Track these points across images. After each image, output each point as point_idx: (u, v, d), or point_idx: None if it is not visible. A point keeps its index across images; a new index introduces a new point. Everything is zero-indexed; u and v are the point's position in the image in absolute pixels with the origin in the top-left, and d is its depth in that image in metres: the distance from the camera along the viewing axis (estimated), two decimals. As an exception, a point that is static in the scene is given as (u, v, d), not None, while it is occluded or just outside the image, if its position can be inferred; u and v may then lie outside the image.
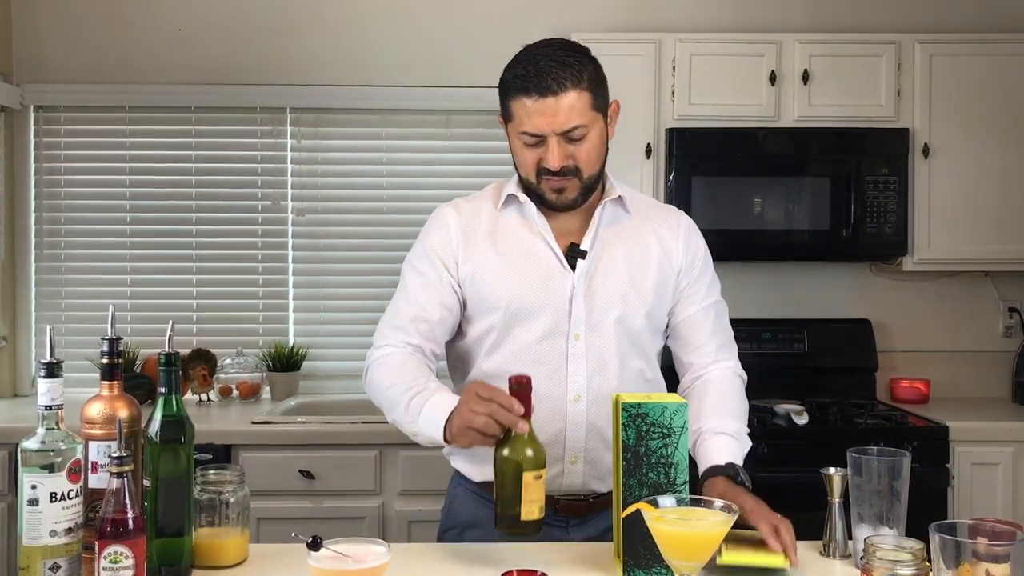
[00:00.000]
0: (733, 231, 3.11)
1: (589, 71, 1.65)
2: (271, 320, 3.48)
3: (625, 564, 1.45)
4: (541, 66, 1.62)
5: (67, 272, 3.45)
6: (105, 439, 1.41)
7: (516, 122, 1.66)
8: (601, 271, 1.73)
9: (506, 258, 1.72)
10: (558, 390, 1.70)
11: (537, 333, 1.70)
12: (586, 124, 1.64)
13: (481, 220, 1.76)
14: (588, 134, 1.65)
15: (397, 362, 1.68)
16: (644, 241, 1.78)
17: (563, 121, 1.62)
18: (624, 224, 1.77)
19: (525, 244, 1.74)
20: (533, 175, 1.69)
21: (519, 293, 1.70)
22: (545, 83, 1.60)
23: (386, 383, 1.66)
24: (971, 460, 2.87)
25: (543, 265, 1.72)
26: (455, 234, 1.75)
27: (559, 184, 1.68)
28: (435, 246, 1.76)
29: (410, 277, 1.77)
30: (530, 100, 1.62)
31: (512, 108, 1.66)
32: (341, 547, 1.18)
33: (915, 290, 3.49)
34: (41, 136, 3.44)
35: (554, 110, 1.61)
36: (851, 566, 1.51)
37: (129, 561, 1.29)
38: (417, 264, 1.77)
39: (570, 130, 1.63)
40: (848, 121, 3.14)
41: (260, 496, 2.55)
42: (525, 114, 1.63)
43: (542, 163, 1.66)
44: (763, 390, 3.25)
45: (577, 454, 1.72)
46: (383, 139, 3.48)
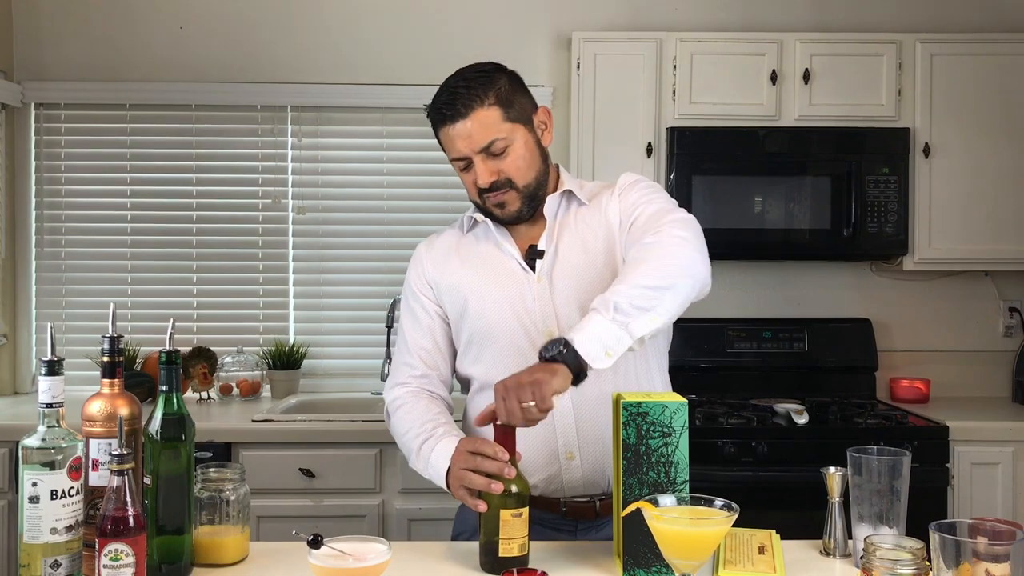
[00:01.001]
0: (734, 230, 3.12)
1: (496, 87, 1.70)
2: (271, 318, 3.48)
3: (625, 563, 1.45)
4: (450, 93, 1.70)
5: (68, 270, 3.45)
6: (106, 437, 1.41)
7: (447, 150, 1.75)
8: (559, 264, 1.75)
9: (474, 272, 1.80)
10: None
11: (512, 337, 1.74)
12: (503, 136, 1.70)
13: (450, 244, 1.87)
14: (510, 146, 1.71)
15: (408, 407, 1.78)
16: (594, 221, 1.77)
17: (479, 140, 1.69)
18: (578, 213, 1.80)
19: (489, 256, 1.81)
20: (476, 196, 1.77)
21: (487, 301, 1.76)
22: (454, 108, 1.69)
23: (402, 430, 1.76)
24: (971, 460, 2.87)
25: (506, 271, 1.78)
26: (428, 265, 1.86)
27: (497, 199, 1.74)
28: (413, 282, 1.88)
29: (403, 318, 1.90)
30: (448, 127, 1.71)
31: (440, 139, 1.75)
32: (342, 545, 1.18)
33: (915, 290, 3.49)
34: (42, 134, 3.44)
35: (467, 131, 1.69)
36: (851, 565, 1.51)
37: (130, 559, 1.30)
38: (405, 304, 1.90)
39: (487, 146, 1.70)
40: (849, 120, 3.14)
41: (260, 494, 2.55)
42: (448, 141, 1.72)
43: (477, 183, 1.73)
44: (763, 389, 3.27)
45: (572, 450, 1.72)
46: (384, 137, 3.48)
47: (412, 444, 1.71)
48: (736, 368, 3.34)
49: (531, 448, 1.72)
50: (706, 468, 2.71)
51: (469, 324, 1.78)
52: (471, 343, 1.79)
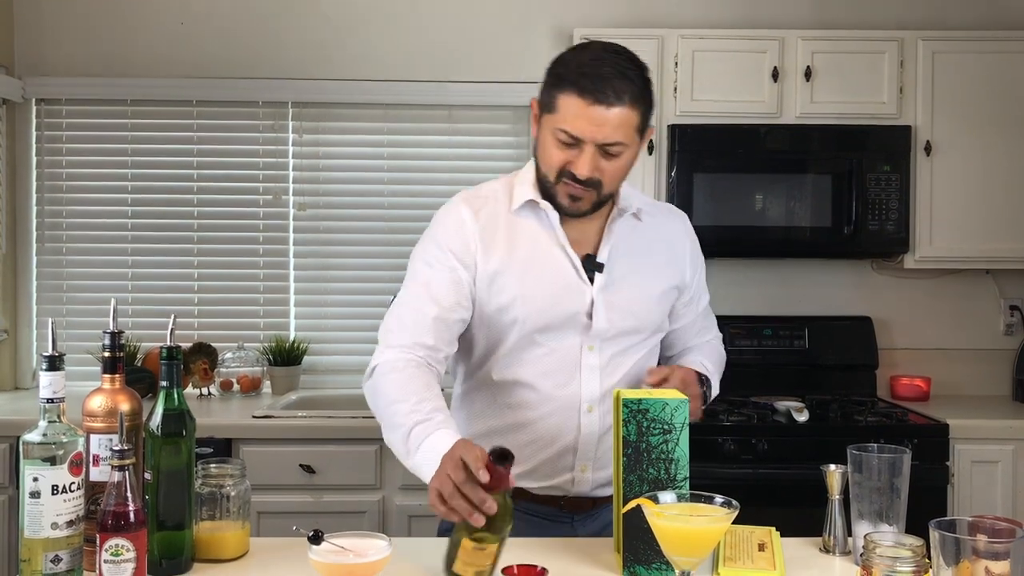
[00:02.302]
0: (734, 228, 3.11)
1: (646, 92, 1.60)
2: (272, 314, 3.48)
3: (625, 559, 1.45)
4: (603, 72, 1.55)
5: (68, 265, 3.45)
6: (106, 432, 1.41)
7: (557, 117, 1.59)
8: (616, 283, 1.71)
9: (526, 267, 1.68)
10: (572, 400, 1.70)
11: (552, 344, 1.69)
12: (626, 143, 1.60)
13: (499, 223, 1.70)
14: (624, 152, 1.61)
15: (406, 376, 1.59)
16: (654, 250, 1.78)
17: (608, 134, 1.57)
18: (636, 233, 1.76)
19: (544, 253, 1.69)
20: (554, 174, 1.64)
21: (537, 304, 1.67)
22: (603, 91, 1.54)
23: (391, 397, 1.57)
24: (971, 458, 2.87)
25: (562, 277, 1.69)
26: (473, 236, 1.69)
27: (577, 192, 1.63)
28: (452, 245, 1.69)
29: (427, 274, 1.68)
30: (582, 102, 1.55)
31: (558, 102, 1.58)
32: (342, 541, 1.18)
33: (916, 288, 3.49)
34: (43, 129, 3.44)
35: (602, 120, 1.56)
36: (851, 563, 1.52)
37: (130, 554, 1.30)
38: (434, 261, 1.69)
39: (610, 144, 1.58)
40: (850, 118, 3.14)
41: (261, 490, 2.55)
42: (571, 113, 1.57)
43: (569, 166, 1.61)
44: (764, 387, 3.27)
45: (587, 462, 1.72)
46: (385, 134, 3.48)
47: (401, 419, 1.52)
48: (737, 365, 3.29)
49: (547, 463, 1.72)
50: (706, 465, 2.71)
51: (508, 323, 1.67)
52: (502, 341, 1.69)
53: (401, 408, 1.53)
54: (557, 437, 1.70)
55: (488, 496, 1.28)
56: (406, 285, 1.71)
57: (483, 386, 1.75)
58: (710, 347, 1.93)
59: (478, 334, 1.72)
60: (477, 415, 1.76)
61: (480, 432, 1.74)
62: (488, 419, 1.74)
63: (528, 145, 3.46)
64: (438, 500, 1.31)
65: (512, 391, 1.71)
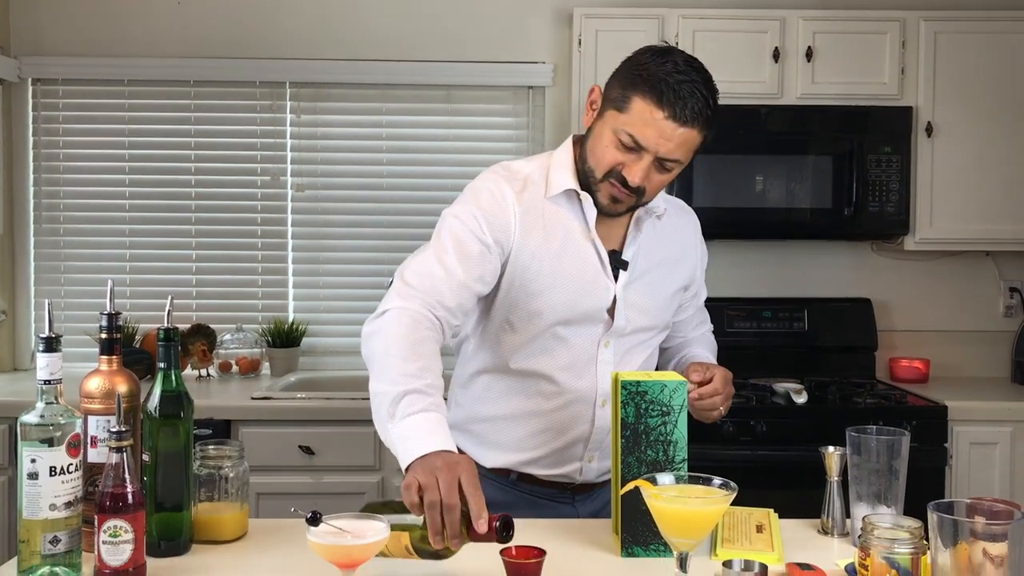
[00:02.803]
0: (734, 209, 3.10)
1: (714, 119, 1.58)
2: (270, 296, 3.47)
3: (623, 541, 1.45)
4: (685, 88, 1.53)
5: (66, 246, 3.44)
6: (104, 414, 1.41)
7: (627, 118, 1.55)
8: (636, 282, 1.72)
9: (558, 257, 1.65)
10: (588, 394, 1.70)
11: (572, 339, 1.68)
12: (683, 163, 1.60)
13: (538, 209, 1.66)
14: (675, 169, 1.61)
15: (420, 336, 1.49)
16: (670, 250, 1.78)
17: (671, 149, 1.56)
18: (656, 232, 1.76)
19: (576, 247, 1.67)
20: (602, 172, 1.61)
21: (564, 297, 1.65)
22: (683, 108, 1.52)
23: (395, 348, 1.46)
24: (969, 440, 2.88)
25: (590, 272, 1.67)
26: (515, 217, 1.64)
27: (621, 196, 1.61)
28: (492, 221, 1.62)
29: (460, 237, 1.61)
30: (658, 111, 1.53)
31: (632, 103, 1.55)
32: (340, 522, 1.18)
33: (916, 269, 3.48)
34: (39, 109, 3.42)
35: (671, 135, 1.54)
36: (849, 544, 1.52)
37: (129, 535, 1.30)
38: (469, 228, 1.62)
39: (669, 160, 1.57)
40: (851, 99, 3.13)
41: (260, 471, 2.55)
42: (643, 121, 1.54)
43: (621, 168, 1.58)
44: (762, 368, 3.27)
45: (595, 452, 1.73)
46: (383, 114, 3.46)
47: (398, 377, 1.42)
48: (735, 347, 3.32)
49: (557, 452, 1.73)
50: (705, 447, 2.70)
51: (531, 313, 1.65)
52: (522, 330, 1.67)
53: (403, 367, 1.43)
54: (570, 428, 1.71)
55: (462, 539, 1.23)
56: (437, 241, 1.63)
57: (499, 372, 1.73)
58: (707, 339, 1.97)
59: (499, 318, 1.69)
60: (488, 399, 1.74)
61: (488, 416, 1.74)
62: (499, 405, 1.73)
63: (528, 126, 3.45)
64: (416, 496, 1.24)
65: (529, 381, 1.70)
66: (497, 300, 1.68)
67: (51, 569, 1.32)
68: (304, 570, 1.37)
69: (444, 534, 1.22)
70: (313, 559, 1.21)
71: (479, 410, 1.75)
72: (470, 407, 1.77)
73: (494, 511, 1.23)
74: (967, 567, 1.01)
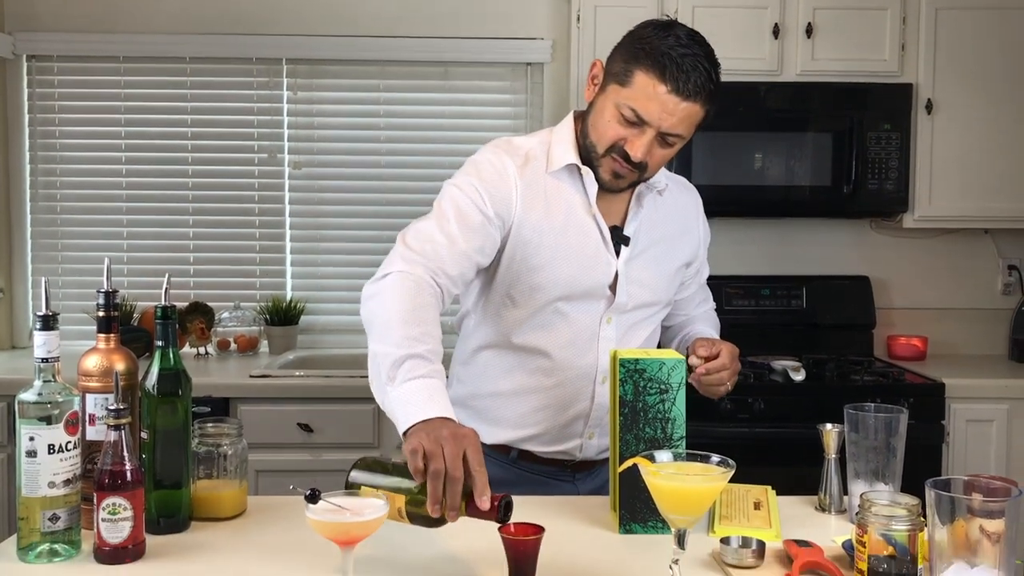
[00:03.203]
0: (733, 187, 3.10)
1: (717, 93, 1.59)
2: (268, 274, 3.47)
3: (621, 518, 1.46)
4: (688, 62, 1.52)
5: (63, 224, 3.43)
6: (102, 392, 1.41)
7: (629, 92, 1.55)
8: (638, 258, 1.72)
9: (560, 235, 1.65)
10: (588, 371, 1.70)
11: (573, 315, 1.68)
12: (685, 137, 1.60)
13: (539, 184, 1.66)
14: (677, 144, 1.61)
15: (423, 301, 1.48)
16: (672, 226, 1.78)
17: (673, 124, 1.55)
18: (658, 209, 1.75)
19: (578, 222, 1.66)
20: (604, 147, 1.60)
21: (565, 272, 1.65)
22: (686, 83, 1.52)
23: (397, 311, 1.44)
24: (966, 417, 2.89)
25: (591, 248, 1.67)
26: (516, 192, 1.63)
27: (623, 171, 1.61)
28: (493, 193, 1.62)
29: (462, 208, 1.60)
30: (661, 85, 1.52)
31: (635, 77, 1.54)
32: (339, 500, 1.18)
33: (915, 247, 3.48)
34: (34, 86, 3.40)
35: (673, 110, 1.54)
36: (846, 521, 1.52)
37: (127, 512, 1.30)
38: (471, 199, 1.61)
39: (671, 134, 1.57)
40: (851, 76, 3.11)
41: (258, 449, 2.56)
42: (645, 94, 1.53)
43: (623, 143, 1.58)
44: (761, 346, 3.27)
45: (596, 429, 1.73)
46: (380, 91, 3.44)
47: (399, 339, 1.40)
48: (734, 325, 3.30)
49: (557, 429, 1.73)
50: (703, 424, 2.71)
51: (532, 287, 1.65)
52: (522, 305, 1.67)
53: (405, 330, 1.41)
54: (570, 405, 1.71)
55: (460, 511, 1.22)
56: (438, 210, 1.62)
57: (500, 347, 1.72)
58: (710, 317, 1.97)
59: (500, 292, 1.69)
60: (489, 376, 1.74)
61: (489, 392, 1.74)
62: (500, 381, 1.73)
63: (527, 103, 3.43)
64: (421, 463, 1.22)
65: (530, 357, 1.70)
66: (498, 274, 1.68)
67: (51, 546, 1.32)
68: (303, 547, 1.37)
69: (443, 504, 1.21)
70: (312, 536, 1.21)
71: (480, 386, 1.75)
72: (471, 383, 1.77)
73: (495, 490, 1.23)
74: (964, 544, 1.01)
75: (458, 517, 1.22)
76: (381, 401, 1.40)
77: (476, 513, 1.22)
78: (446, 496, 1.20)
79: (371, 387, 1.43)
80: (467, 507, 1.22)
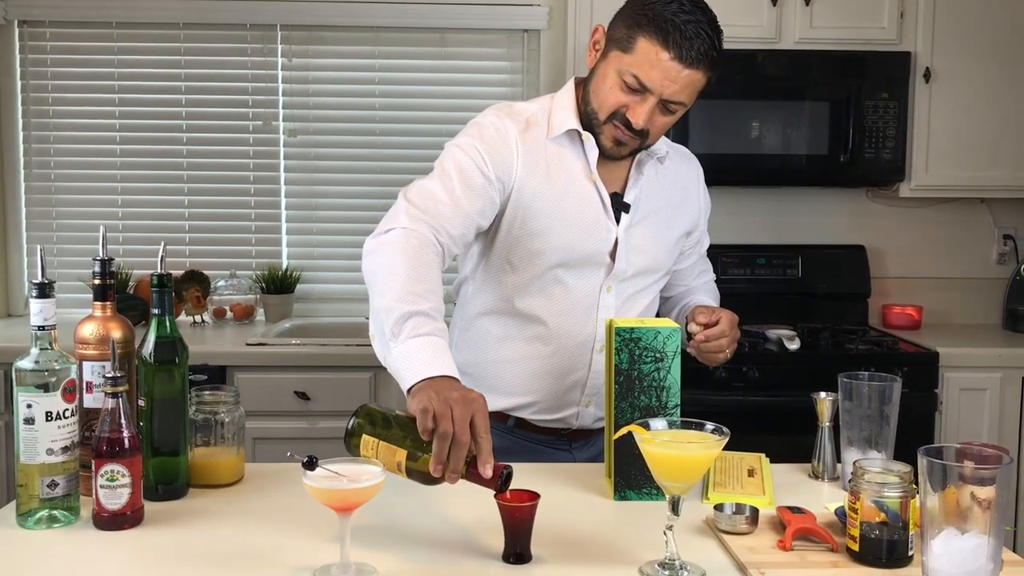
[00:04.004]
0: (730, 155, 3.09)
1: (719, 60, 1.58)
2: (264, 242, 3.46)
3: (616, 484, 1.47)
4: (691, 30, 1.52)
5: (57, 192, 3.41)
6: (99, 359, 1.41)
7: (631, 59, 1.54)
8: (638, 225, 1.72)
9: (560, 200, 1.65)
10: (587, 339, 1.71)
11: (573, 282, 1.69)
12: (687, 104, 1.60)
13: (540, 150, 1.66)
14: (679, 111, 1.61)
15: (426, 259, 1.47)
16: (673, 194, 1.78)
17: (676, 91, 1.55)
18: (658, 177, 1.75)
19: (578, 188, 1.66)
20: (605, 114, 1.60)
21: (564, 238, 1.65)
22: (689, 50, 1.52)
23: (401, 266, 1.43)
24: (960, 385, 2.90)
25: (591, 215, 1.67)
26: (518, 155, 1.64)
27: (625, 138, 1.61)
28: (494, 156, 1.62)
29: (464, 169, 1.60)
30: (664, 52, 1.52)
31: (637, 44, 1.54)
32: (336, 467, 1.19)
33: (911, 216, 3.48)
34: (26, 52, 3.36)
35: (676, 77, 1.54)
36: (839, 488, 1.54)
37: (126, 479, 1.31)
38: (473, 161, 1.61)
39: (673, 102, 1.57)
40: (849, 44, 3.09)
41: (255, 416, 2.57)
42: (648, 62, 1.53)
43: (625, 111, 1.58)
44: (756, 315, 3.27)
45: (591, 398, 1.74)
46: (376, 58, 3.42)
47: (401, 295, 1.39)
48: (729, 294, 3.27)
49: (554, 396, 1.74)
50: (697, 392, 2.72)
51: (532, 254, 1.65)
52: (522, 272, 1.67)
53: (410, 286, 1.40)
54: (568, 373, 1.72)
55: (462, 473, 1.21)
56: (440, 170, 1.62)
57: (499, 314, 1.73)
58: (710, 288, 1.97)
59: (500, 257, 1.69)
60: (487, 343, 1.75)
61: (487, 359, 1.74)
62: (499, 348, 1.74)
63: (523, 70, 3.41)
64: (430, 423, 1.22)
65: (528, 325, 1.71)
66: (498, 239, 1.68)
67: (50, 512, 1.33)
68: (300, 513, 1.38)
69: (446, 466, 1.21)
70: (309, 502, 1.22)
71: (478, 353, 1.76)
72: (468, 351, 1.77)
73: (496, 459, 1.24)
74: (955, 510, 1.02)
75: (458, 480, 1.23)
76: (383, 356, 1.41)
77: (476, 479, 1.23)
78: (450, 458, 1.20)
79: (372, 343, 1.43)
80: (468, 471, 1.23)
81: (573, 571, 1.21)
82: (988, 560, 1.02)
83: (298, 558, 1.23)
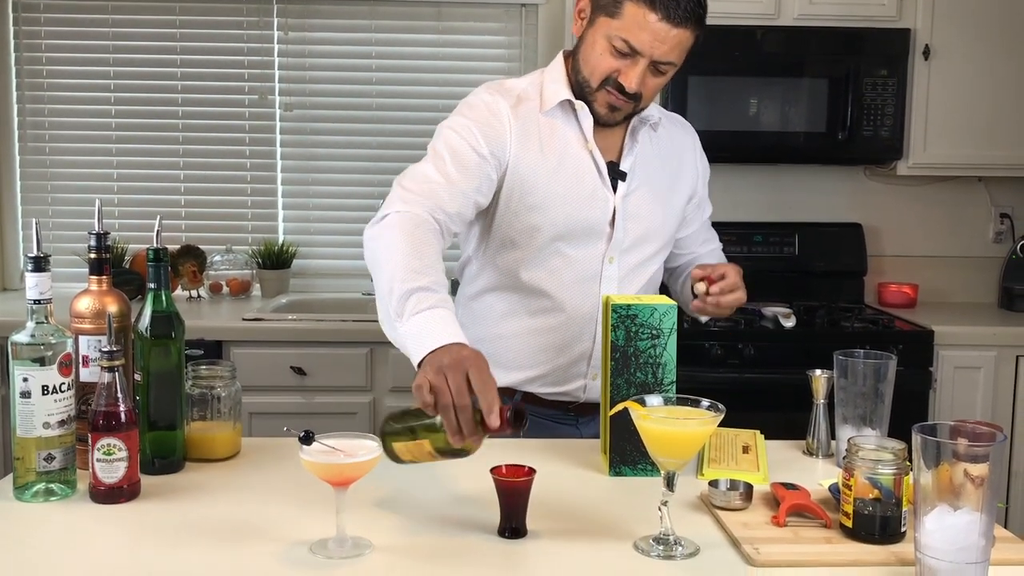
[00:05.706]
0: (727, 132, 3.08)
1: (705, 17, 1.58)
2: (260, 217, 3.45)
3: (611, 460, 1.48)
4: None
5: (52, 165, 3.40)
6: (95, 334, 1.41)
7: (619, 24, 1.54)
8: (635, 193, 1.71)
9: (556, 174, 1.65)
10: (591, 311, 1.70)
11: (574, 254, 1.69)
12: (677, 64, 1.60)
13: (534, 124, 1.66)
14: (669, 72, 1.61)
15: (422, 239, 1.47)
16: (669, 162, 1.78)
17: (665, 52, 1.55)
18: (653, 144, 1.75)
19: (574, 160, 1.67)
20: (597, 81, 1.61)
21: (562, 213, 1.65)
22: (676, 9, 1.52)
23: (401, 247, 1.44)
24: (954, 364, 2.91)
25: (588, 185, 1.67)
26: (510, 131, 1.64)
27: (619, 103, 1.62)
28: (487, 133, 1.62)
29: (456, 148, 1.61)
30: (651, 14, 1.52)
31: (624, 8, 1.54)
32: (333, 441, 1.19)
33: (908, 194, 3.47)
34: (21, 24, 3.34)
35: (665, 37, 1.54)
36: (833, 465, 1.54)
37: (122, 453, 1.31)
38: (465, 140, 1.61)
39: (664, 63, 1.57)
40: (849, 20, 3.07)
41: (252, 391, 2.58)
42: (636, 25, 1.53)
43: (617, 75, 1.58)
44: (752, 292, 3.24)
45: (597, 370, 1.74)
46: (372, 32, 3.39)
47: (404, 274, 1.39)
48: (726, 271, 3.34)
49: (560, 369, 1.74)
50: (693, 369, 2.74)
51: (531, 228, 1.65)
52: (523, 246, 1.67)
53: (409, 264, 1.41)
54: (573, 345, 1.72)
55: (480, 435, 1.20)
56: (433, 153, 1.63)
57: (502, 290, 1.73)
58: (716, 256, 1.97)
59: (500, 234, 1.69)
60: (492, 319, 1.75)
61: (492, 335, 1.74)
62: (503, 323, 1.74)
63: (521, 45, 3.39)
64: (428, 397, 1.22)
65: (532, 299, 1.71)
66: (497, 216, 1.68)
67: (46, 485, 1.34)
68: (297, 487, 1.39)
69: (462, 432, 1.20)
70: (305, 476, 1.23)
71: (483, 329, 1.75)
72: (474, 327, 1.76)
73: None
74: (948, 487, 1.03)
75: (481, 439, 1.21)
76: (393, 339, 1.41)
77: (495, 432, 1.20)
78: (460, 425, 1.20)
79: (383, 328, 1.43)
80: (484, 427, 1.21)
81: (568, 546, 1.22)
82: (980, 536, 1.03)
83: (294, 532, 1.24)
